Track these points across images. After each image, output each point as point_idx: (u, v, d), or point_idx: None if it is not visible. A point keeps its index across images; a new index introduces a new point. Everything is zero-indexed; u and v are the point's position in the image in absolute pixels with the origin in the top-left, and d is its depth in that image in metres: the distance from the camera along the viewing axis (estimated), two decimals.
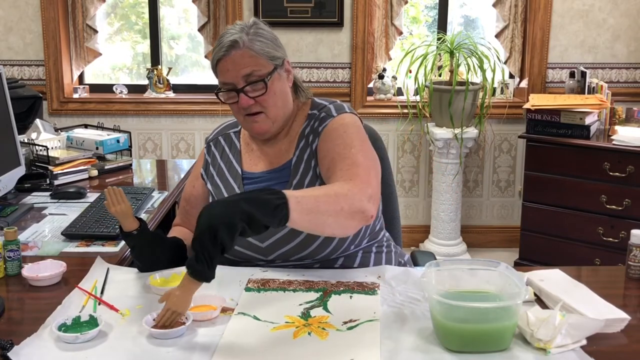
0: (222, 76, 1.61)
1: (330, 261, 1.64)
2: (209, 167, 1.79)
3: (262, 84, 1.59)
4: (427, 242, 3.93)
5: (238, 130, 1.81)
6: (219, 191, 1.73)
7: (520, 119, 3.91)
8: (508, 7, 3.91)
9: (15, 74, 3.95)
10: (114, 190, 1.53)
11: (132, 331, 1.31)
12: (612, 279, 1.62)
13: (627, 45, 3.91)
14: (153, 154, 4.09)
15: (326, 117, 1.67)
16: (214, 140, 1.83)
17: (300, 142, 1.68)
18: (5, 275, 1.59)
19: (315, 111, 1.71)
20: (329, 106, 1.71)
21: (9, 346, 1.22)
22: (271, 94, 1.61)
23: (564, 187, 3.39)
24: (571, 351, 1.23)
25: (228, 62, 1.59)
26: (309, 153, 1.66)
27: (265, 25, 1.67)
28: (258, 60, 1.60)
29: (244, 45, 1.59)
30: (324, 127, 1.65)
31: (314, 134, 1.67)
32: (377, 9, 3.92)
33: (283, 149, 1.71)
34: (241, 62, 1.58)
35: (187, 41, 4.30)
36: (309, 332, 1.30)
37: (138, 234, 1.56)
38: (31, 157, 2.55)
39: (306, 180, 1.64)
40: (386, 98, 4.00)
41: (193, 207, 1.79)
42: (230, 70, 1.59)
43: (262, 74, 1.59)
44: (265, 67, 1.60)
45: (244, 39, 1.59)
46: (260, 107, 1.61)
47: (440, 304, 1.24)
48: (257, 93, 1.60)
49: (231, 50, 1.58)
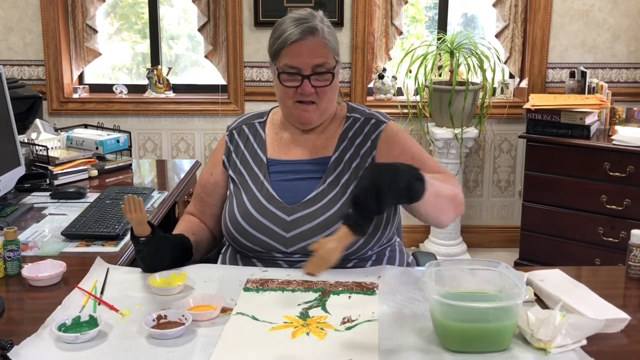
0: (291, 59, 1.62)
1: (344, 261, 1.63)
2: (231, 154, 1.78)
3: (329, 76, 1.63)
4: (427, 242, 3.93)
5: (264, 121, 1.81)
6: (242, 178, 1.73)
7: (521, 119, 3.91)
8: (508, 7, 3.91)
9: (15, 74, 3.95)
10: (133, 199, 1.53)
11: (132, 331, 1.31)
12: (612, 279, 1.62)
13: (627, 45, 3.91)
14: (153, 154, 4.09)
15: (378, 123, 1.72)
16: (237, 129, 1.82)
17: (342, 142, 1.71)
18: (5, 275, 1.59)
19: (357, 115, 1.75)
20: (370, 112, 1.77)
21: (9, 346, 1.22)
22: (331, 88, 1.65)
23: (564, 187, 3.39)
24: (571, 351, 1.23)
25: (303, 46, 1.61)
26: (351, 154, 1.69)
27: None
28: (329, 53, 1.64)
29: (322, 35, 1.62)
30: (379, 132, 1.71)
31: (364, 137, 1.71)
32: (377, 9, 3.92)
33: (319, 143, 1.72)
34: (316, 51, 1.61)
35: (187, 41, 4.30)
36: (307, 332, 1.30)
37: (147, 241, 1.56)
38: (31, 157, 2.55)
39: (342, 180, 1.66)
40: (386, 98, 4.00)
41: (209, 195, 1.79)
42: (303, 55, 1.61)
43: (330, 67, 1.64)
44: (332, 61, 1.65)
45: (323, 28, 1.63)
46: (316, 98, 1.65)
47: (440, 304, 1.24)
48: (321, 83, 1.63)
49: (308, 36, 1.60)
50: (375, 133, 1.71)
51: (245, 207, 1.67)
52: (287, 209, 1.63)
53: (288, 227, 1.62)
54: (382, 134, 1.71)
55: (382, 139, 1.70)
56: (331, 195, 1.64)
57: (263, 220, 1.63)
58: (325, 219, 1.61)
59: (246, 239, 1.65)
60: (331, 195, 1.64)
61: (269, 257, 1.65)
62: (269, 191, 1.67)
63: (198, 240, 1.71)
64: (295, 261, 1.63)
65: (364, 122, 1.73)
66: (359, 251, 1.63)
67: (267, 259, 1.65)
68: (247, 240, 1.65)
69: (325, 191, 1.65)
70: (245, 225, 1.64)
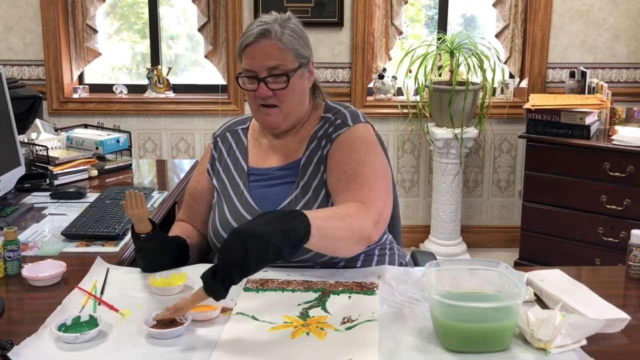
0: (247, 62, 1.62)
1: (332, 264, 1.63)
2: (215, 162, 1.79)
3: (284, 78, 1.61)
4: (427, 242, 3.93)
5: (246, 127, 1.81)
6: (224, 187, 1.73)
7: (521, 119, 3.91)
8: (508, 7, 3.91)
9: (15, 74, 3.95)
10: (135, 194, 1.53)
11: (131, 331, 1.31)
12: (612, 279, 1.62)
13: (627, 45, 3.91)
14: (153, 154, 4.09)
15: (342, 124, 1.67)
16: (221, 136, 1.82)
17: (311, 143, 1.69)
18: (5, 275, 1.59)
19: (330, 115, 1.72)
20: (344, 112, 1.72)
21: (9, 346, 1.22)
22: (290, 90, 1.62)
23: (564, 187, 3.39)
24: (571, 351, 1.23)
25: (256, 49, 1.60)
26: (319, 156, 1.66)
27: (299, 22, 1.68)
28: (285, 55, 1.61)
29: (275, 36, 1.60)
30: (338, 135, 1.65)
31: (326, 138, 1.67)
32: (377, 9, 3.92)
33: (292, 147, 1.71)
34: (269, 53, 1.59)
35: (186, 41, 4.30)
36: (307, 332, 1.30)
37: (147, 238, 1.56)
38: (31, 157, 2.55)
39: (313, 183, 1.64)
40: (386, 98, 4.00)
41: (197, 202, 1.79)
42: (256, 58, 1.60)
43: (286, 69, 1.61)
44: (290, 63, 1.62)
45: (276, 30, 1.60)
46: (277, 101, 1.63)
47: (440, 304, 1.24)
48: (278, 86, 1.61)
49: (261, 39, 1.59)
50: (335, 133, 1.66)
51: (226, 218, 1.67)
52: None
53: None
54: (339, 137, 1.65)
55: (338, 141, 1.65)
56: (305, 199, 1.63)
57: None
58: None
59: None
60: (305, 200, 1.63)
61: None
62: (248, 200, 1.67)
63: (192, 244, 1.71)
64: (278, 266, 1.61)
65: (332, 122, 1.69)
66: None
67: None
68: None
69: (299, 196, 1.64)
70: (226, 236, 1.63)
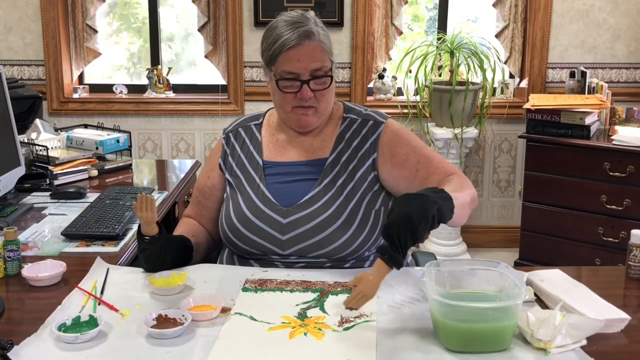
0: (288, 65, 1.59)
1: (342, 262, 1.63)
2: (227, 157, 1.78)
3: (327, 80, 1.62)
4: (427, 242, 3.93)
5: (259, 123, 1.80)
6: (238, 181, 1.72)
7: (521, 119, 3.91)
8: (508, 7, 3.91)
9: (15, 74, 3.95)
10: (146, 198, 1.52)
11: (131, 331, 1.31)
12: (612, 279, 1.62)
13: (627, 45, 3.91)
14: (153, 154, 4.09)
15: (376, 124, 1.71)
16: (233, 132, 1.81)
17: (338, 144, 1.70)
18: (5, 275, 1.59)
19: (352, 115, 1.74)
20: (367, 112, 1.75)
21: (9, 346, 1.22)
22: (330, 90, 1.64)
23: (564, 187, 3.39)
24: (571, 351, 1.23)
25: (300, 52, 1.59)
26: (348, 156, 1.68)
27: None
28: (326, 56, 1.63)
29: (318, 38, 1.60)
30: (378, 135, 1.69)
31: (361, 140, 1.69)
32: (377, 9, 3.92)
33: (315, 144, 1.71)
34: (313, 55, 1.59)
35: (186, 41, 4.30)
36: (305, 333, 1.30)
37: (152, 241, 1.55)
38: (31, 157, 2.55)
39: (338, 182, 1.65)
40: (386, 98, 4.00)
41: (206, 198, 1.79)
42: (301, 60, 1.59)
43: (328, 69, 1.62)
44: (329, 64, 1.63)
45: (318, 31, 1.61)
46: (315, 102, 1.63)
47: (440, 304, 1.24)
48: (320, 87, 1.62)
49: (304, 41, 1.58)
50: (375, 135, 1.69)
51: (242, 209, 1.66)
52: (283, 212, 1.63)
53: (284, 229, 1.61)
54: (382, 136, 1.69)
55: (382, 141, 1.68)
56: (327, 197, 1.63)
57: (259, 223, 1.63)
58: (321, 221, 1.60)
59: (242, 241, 1.65)
60: (327, 197, 1.63)
61: (266, 259, 1.64)
62: (265, 194, 1.67)
63: (198, 242, 1.71)
64: (292, 263, 1.62)
65: (361, 124, 1.72)
66: (357, 252, 1.63)
67: (264, 261, 1.65)
68: (243, 243, 1.64)
69: (321, 193, 1.64)
70: (242, 228, 1.64)
